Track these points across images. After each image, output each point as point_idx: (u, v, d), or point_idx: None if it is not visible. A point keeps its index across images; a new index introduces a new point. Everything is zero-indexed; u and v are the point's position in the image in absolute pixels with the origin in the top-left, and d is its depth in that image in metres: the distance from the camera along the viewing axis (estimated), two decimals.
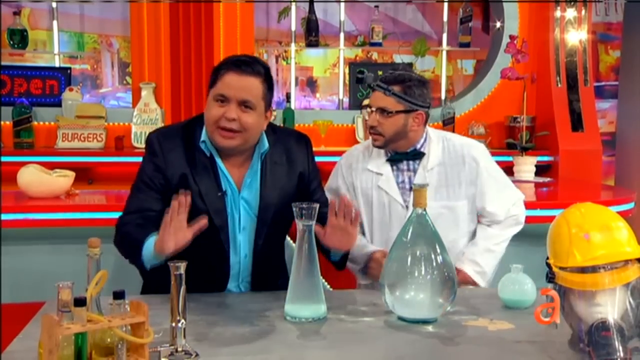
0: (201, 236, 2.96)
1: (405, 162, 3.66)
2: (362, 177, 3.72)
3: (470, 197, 3.64)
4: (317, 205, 2.80)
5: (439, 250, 2.79)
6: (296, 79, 8.09)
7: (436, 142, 3.67)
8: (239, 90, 3.12)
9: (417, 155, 3.64)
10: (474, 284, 3.60)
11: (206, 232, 2.98)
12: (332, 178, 3.85)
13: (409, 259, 2.79)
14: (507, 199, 3.69)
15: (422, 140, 3.66)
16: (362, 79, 3.61)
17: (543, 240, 2.53)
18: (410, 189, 3.59)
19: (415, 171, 3.64)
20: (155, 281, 3.17)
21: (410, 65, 7.52)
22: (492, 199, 3.65)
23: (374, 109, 3.58)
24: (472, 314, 2.92)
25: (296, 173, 3.36)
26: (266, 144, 3.28)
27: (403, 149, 3.64)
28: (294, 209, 2.78)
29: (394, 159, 3.67)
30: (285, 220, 3.13)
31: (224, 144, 3.17)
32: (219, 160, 3.24)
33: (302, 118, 6.69)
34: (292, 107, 7.05)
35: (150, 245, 2.91)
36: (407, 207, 3.59)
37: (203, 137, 3.23)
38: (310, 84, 8.45)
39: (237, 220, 3.26)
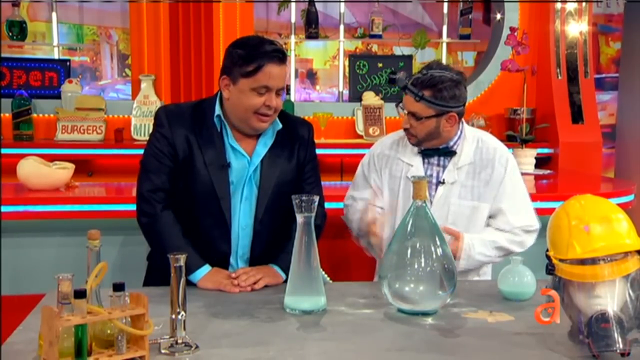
0: (203, 206, 3.24)
1: (436, 157, 3.63)
2: (392, 166, 3.69)
3: (492, 199, 3.60)
4: (317, 198, 2.80)
5: (438, 243, 2.79)
6: (296, 71, 8.10)
7: (470, 141, 3.63)
8: (279, 81, 3.24)
9: (449, 152, 3.62)
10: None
11: (208, 202, 3.24)
12: (364, 162, 3.85)
13: (409, 251, 2.79)
14: (520, 217, 3.61)
15: (455, 138, 3.61)
16: (394, 80, 3.55)
17: (543, 232, 2.53)
18: (438, 183, 3.60)
19: (445, 167, 3.61)
20: (158, 272, 3.20)
21: (410, 57, 7.53)
22: (508, 206, 3.60)
23: (406, 112, 3.56)
24: (472, 306, 2.92)
25: (297, 154, 3.44)
26: (279, 123, 3.37)
27: (435, 146, 3.61)
28: (294, 201, 2.78)
29: (426, 153, 3.65)
30: (284, 197, 3.12)
31: (260, 127, 3.29)
32: (230, 136, 3.31)
33: (302, 110, 6.68)
34: (292, 99, 7.06)
35: (197, 275, 3.19)
36: (430, 201, 3.56)
37: (217, 112, 3.30)
38: (310, 76, 8.46)
39: (240, 190, 3.32)
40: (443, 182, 3.57)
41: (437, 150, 3.61)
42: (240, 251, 3.36)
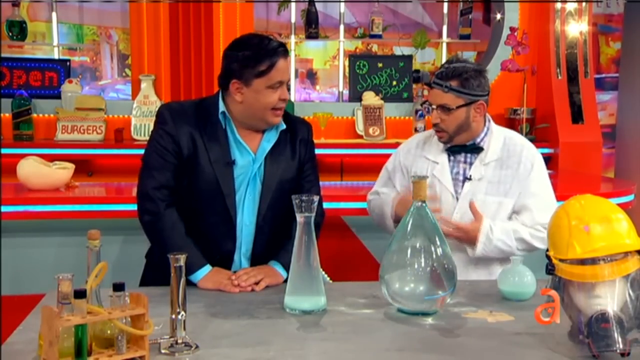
0: (208, 204, 3.25)
1: (463, 154, 3.66)
2: (418, 164, 3.72)
3: (517, 195, 3.60)
4: (316, 198, 2.80)
5: (438, 243, 2.79)
6: (296, 71, 8.10)
7: (497, 137, 3.65)
8: (288, 74, 3.33)
9: (476, 149, 3.63)
10: (471, 238, 3.53)
11: (213, 200, 3.25)
12: (390, 161, 3.89)
13: (409, 251, 2.78)
14: (545, 214, 3.55)
15: (482, 134, 3.65)
16: (418, 77, 3.61)
17: None
18: (464, 180, 3.62)
19: (471, 164, 3.64)
20: (157, 270, 3.21)
21: (410, 57, 7.53)
22: (533, 202, 3.59)
23: (434, 106, 3.57)
24: (472, 306, 2.92)
25: (298, 151, 3.45)
26: (283, 123, 3.38)
27: (463, 142, 3.64)
28: (294, 201, 2.78)
29: (452, 150, 3.67)
30: (286, 194, 3.12)
31: (276, 122, 3.34)
32: (236, 132, 3.32)
33: (302, 110, 6.68)
34: (292, 99, 7.06)
35: (198, 275, 3.19)
36: (457, 198, 3.60)
37: (222, 108, 3.31)
38: (310, 76, 8.47)
39: (245, 187, 3.33)
40: (470, 179, 3.58)
41: (464, 147, 3.63)
42: (244, 248, 3.37)
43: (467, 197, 3.58)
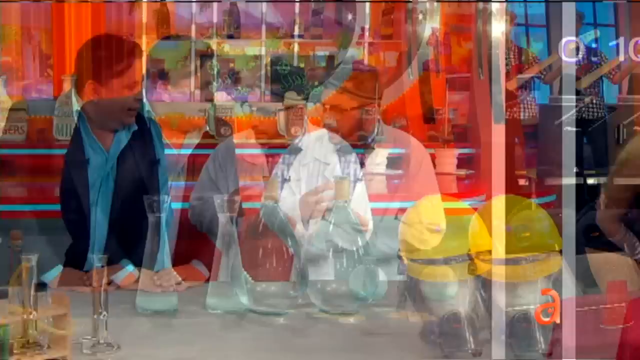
0: (65, 202, 3.36)
1: (353, 155, 3.68)
2: (309, 165, 3.68)
3: (405, 192, 3.64)
4: (167, 198, 2.87)
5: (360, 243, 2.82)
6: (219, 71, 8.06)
7: (387, 136, 3.69)
8: (142, 73, 3.51)
9: (367, 148, 3.66)
10: None
11: (69, 198, 3.33)
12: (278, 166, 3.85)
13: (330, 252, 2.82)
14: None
15: (373, 134, 3.67)
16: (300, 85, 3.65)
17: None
18: (355, 181, 3.62)
19: (362, 164, 3.66)
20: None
21: (332, 58, 7.55)
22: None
23: (327, 106, 3.59)
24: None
25: (150, 152, 3.47)
26: (135, 124, 3.39)
27: (354, 141, 3.66)
28: (145, 201, 2.77)
29: (344, 150, 3.69)
30: (139, 195, 3.10)
31: (130, 122, 3.37)
32: (90, 131, 3.35)
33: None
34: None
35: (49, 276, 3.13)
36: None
37: (76, 107, 3.37)
38: (230, 76, 8.42)
39: (98, 186, 3.34)
40: (361, 179, 3.62)
41: (354, 147, 3.66)
42: (97, 247, 3.37)
43: (359, 198, 3.58)
